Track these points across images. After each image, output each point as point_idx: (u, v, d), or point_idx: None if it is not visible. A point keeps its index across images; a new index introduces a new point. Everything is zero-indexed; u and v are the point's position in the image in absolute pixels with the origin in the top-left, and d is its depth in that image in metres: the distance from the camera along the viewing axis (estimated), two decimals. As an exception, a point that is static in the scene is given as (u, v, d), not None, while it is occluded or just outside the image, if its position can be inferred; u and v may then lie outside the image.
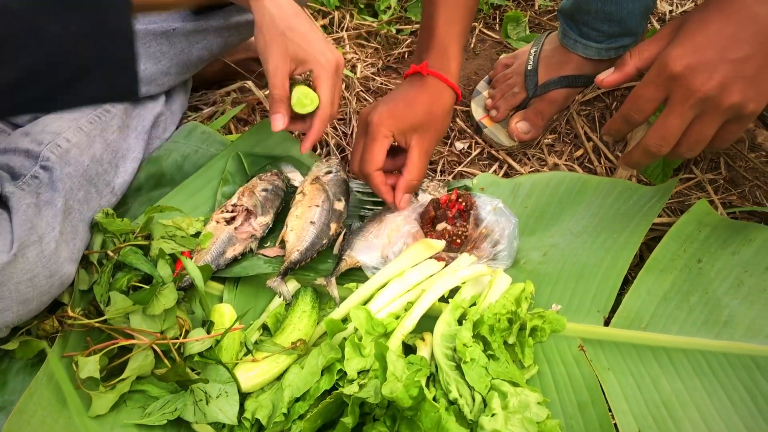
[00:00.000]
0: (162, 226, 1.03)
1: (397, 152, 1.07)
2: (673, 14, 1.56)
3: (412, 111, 1.03)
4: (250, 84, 1.38)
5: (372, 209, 1.17)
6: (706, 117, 0.82)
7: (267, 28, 0.97)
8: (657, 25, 1.51)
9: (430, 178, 1.26)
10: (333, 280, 1.01)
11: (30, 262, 0.85)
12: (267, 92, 1.40)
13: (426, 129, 1.04)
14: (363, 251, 1.05)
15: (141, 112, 1.19)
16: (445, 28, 1.05)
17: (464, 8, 1.07)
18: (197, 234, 1.06)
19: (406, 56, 1.54)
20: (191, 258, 1.02)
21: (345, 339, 0.91)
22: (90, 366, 0.85)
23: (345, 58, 1.51)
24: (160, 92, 1.20)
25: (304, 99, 1.01)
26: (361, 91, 1.42)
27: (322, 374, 0.89)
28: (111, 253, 0.98)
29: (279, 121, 1.00)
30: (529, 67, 1.32)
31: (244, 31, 1.21)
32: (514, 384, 0.87)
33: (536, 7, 1.63)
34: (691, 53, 0.79)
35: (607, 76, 0.89)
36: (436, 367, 0.89)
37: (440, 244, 1.03)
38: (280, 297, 0.99)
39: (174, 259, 0.99)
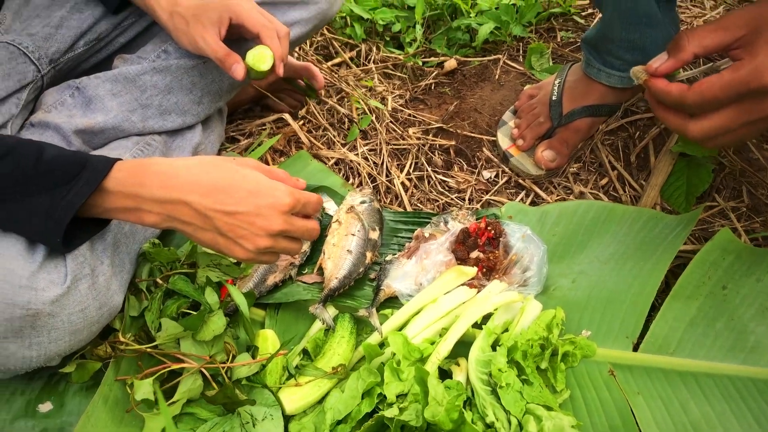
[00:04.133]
0: (206, 254, 1.08)
1: None
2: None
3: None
4: (286, 116, 1.44)
5: (405, 238, 1.21)
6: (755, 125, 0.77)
7: (176, 18, 1.08)
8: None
9: (459, 206, 1.31)
10: (374, 310, 1.05)
11: (82, 294, 0.89)
12: (302, 123, 1.46)
13: None
14: (398, 279, 1.09)
15: (180, 144, 1.24)
16: None
17: None
18: (239, 263, 1.10)
19: (432, 87, 1.59)
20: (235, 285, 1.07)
21: (382, 363, 0.95)
22: (145, 388, 0.89)
23: (374, 90, 1.57)
24: (196, 122, 1.25)
25: (259, 57, 1.08)
26: (391, 122, 1.47)
27: (362, 398, 0.93)
28: (160, 281, 1.03)
29: (240, 69, 1.07)
30: (554, 98, 1.36)
31: None
32: (548, 408, 0.90)
33: (558, 39, 1.68)
34: None
35: (662, 63, 0.81)
36: (472, 391, 0.93)
37: (472, 271, 1.07)
38: (322, 323, 1.04)
39: (218, 286, 1.04)
